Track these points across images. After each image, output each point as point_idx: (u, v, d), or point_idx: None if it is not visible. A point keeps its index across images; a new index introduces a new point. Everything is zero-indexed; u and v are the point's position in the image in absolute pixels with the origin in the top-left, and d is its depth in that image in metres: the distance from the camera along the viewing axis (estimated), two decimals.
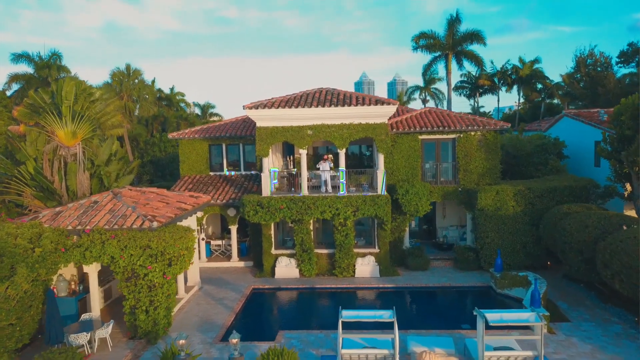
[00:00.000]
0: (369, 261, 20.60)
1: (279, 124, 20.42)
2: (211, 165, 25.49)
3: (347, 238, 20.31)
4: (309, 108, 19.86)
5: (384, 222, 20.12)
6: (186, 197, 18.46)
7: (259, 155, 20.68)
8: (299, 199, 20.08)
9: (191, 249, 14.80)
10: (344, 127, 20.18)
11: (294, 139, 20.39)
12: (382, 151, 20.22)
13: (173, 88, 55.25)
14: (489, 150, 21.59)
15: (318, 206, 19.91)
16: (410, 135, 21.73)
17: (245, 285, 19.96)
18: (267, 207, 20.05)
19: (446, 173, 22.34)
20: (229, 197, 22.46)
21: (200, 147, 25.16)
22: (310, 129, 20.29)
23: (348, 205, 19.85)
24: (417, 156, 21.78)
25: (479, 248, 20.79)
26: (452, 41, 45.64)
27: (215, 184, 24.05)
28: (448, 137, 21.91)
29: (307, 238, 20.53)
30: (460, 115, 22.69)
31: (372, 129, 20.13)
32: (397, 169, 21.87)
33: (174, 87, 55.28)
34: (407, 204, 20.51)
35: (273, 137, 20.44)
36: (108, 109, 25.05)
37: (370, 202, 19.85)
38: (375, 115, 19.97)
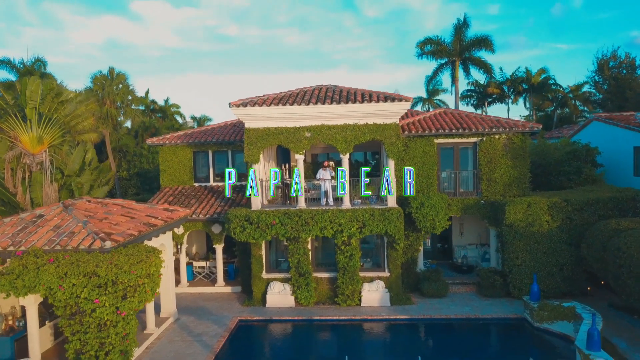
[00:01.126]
0: (378, 287, 17.39)
1: (271, 124, 17.40)
2: (196, 175, 22.42)
3: (352, 260, 17.14)
4: (307, 106, 16.86)
5: (396, 241, 16.96)
6: (159, 211, 15.34)
7: (248, 162, 17.62)
8: (295, 213, 16.96)
9: (155, 276, 11.62)
10: (347, 128, 17.16)
11: (289, 143, 17.36)
12: (393, 156, 17.17)
13: (167, 100, 52.53)
14: (516, 156, 18.53)
15: (317, 221, 16.77)
16: (424, 139, 18.70)
17: (230, 316, 16.70)
18: (257, 222, 16.90)
19: (466, 183, 19.24)
20: (213, 210, 19.34)
21: (183, 154, 22.12)
22: (308, 130, 17.27)
23: (353, 221, 16.72)
24: (432, 163, 18.72)
25: (507, 271, 17.59)
26: (459, 47, 42.92)
27: (199, 196, 20.94)
28: (468, 142, 18.87)
29: (304, 259, 17.35)
30: (482, 116, 19.70)
31: (381, 130, 17.11)
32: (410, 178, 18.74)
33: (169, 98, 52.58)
34: (422, 219, 17.39)
35: (264, 140, 17.41)
36: (78, 111, 22.05)
37: (379, 216, 16.72)
38: (385, 113, 16.97)
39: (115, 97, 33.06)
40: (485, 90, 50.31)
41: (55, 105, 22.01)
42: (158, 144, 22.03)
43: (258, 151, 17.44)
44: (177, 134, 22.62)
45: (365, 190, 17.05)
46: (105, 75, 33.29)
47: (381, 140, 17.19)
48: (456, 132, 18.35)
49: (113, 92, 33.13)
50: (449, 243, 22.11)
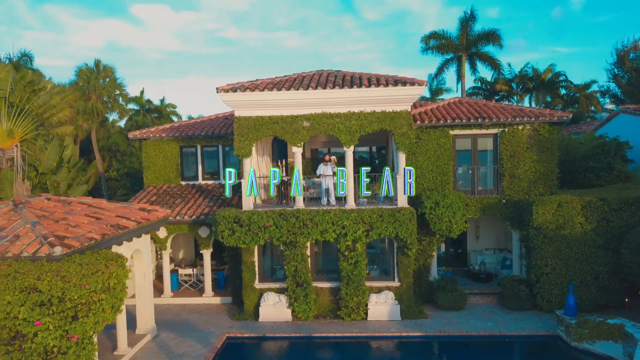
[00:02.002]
0: (387, 298, 15.20)
1: (265, 112, 15.25)
2: (183, 172, 20.24)
3: (357, 267, 14.96)
4: (305, 91, 14.72)
5: (407, 246, 14.77)
6: (133, 211, 13.16)
7: (239, 155, 15.46)
8: (292, 214, 14.79)
9: (118, 291, 9.41)
10: (352, 117, 15.01)
11: (285, 133, 15.21)
12: (404, 149, 15.01)
13: (163, 99, 50.41)
14: (542, 150, 16.37)
15: (317, 223, 14.60)
16: (438, 130, 16.54)
17: (217, 332, 14.51)
18: (248, 224, 14.72)
19: (485, 180, 17.07)
20: (200, 211, 17.17)
21: (169, 149, 19.96)
22: (307, 119, 15.13)
23: (358, 222, 14.55)
24: (447, 157, 16.55)
25: (533, 280, 15.41)
26: (465, 42, 40.76)
27: (185, 196, 18.78)
28: (488, 133, 16.71)
29: (302, 267, 15.16)
30: (502, 105, 17.55)
31: (390, 119, 14.96)
32: (422, 175, 16.61)
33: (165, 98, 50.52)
34: (436, 221, 15.22)
35: (257, 130, 15.26)
36: (53, 101, 19.90)
37: (389, 217, 14.54)
38: (395, 99, 14.82)
39: (102, 92, 30.88)
40: (492, 87, 48.19)
41: (28, 95, 19.89)
42: (141, 138, 19.87)
43: (250, 143, 15.28)
44: (162, 126, 20.47)
45: (366, 190, 14.93)
46: (91, 68, 31.14)
47: (391, 130, 15.04)
48: (475, 122, 16.19)
49: (99, 85, 30.97)
50: (464, 248, 19.94)
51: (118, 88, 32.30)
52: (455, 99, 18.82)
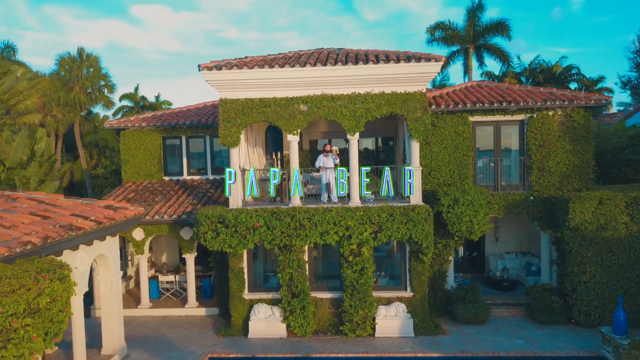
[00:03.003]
0: (397, 311, 13.01)
1: (255, 94, 13.07)
2: (166, 166, 18.06)
3: (363, 275, 12.76)
4: (302, 68, 12.54)
5: (422, 250, 12.58)
6: (95, 209, 10.97)
7: (224, 144, 13.27)
8: (286, 213, 12.59)
9: (53, 312, 7.16)
10: (357, 100, 12.83)
11: (279, 119, 13.02)
12: (418, 137, 12.82)
13: (159, 96, 48.21)
14: (576, 138, 14.20)
15: (316, 224, 12.40)
16: (456, 117, 14.37)
17: (198, 352, 12.31)
18: (235, 225, 12.52)
19: (509, 173, 14.90)
20: (182, 210, 14.98)
21: (150, 141, 17.78)
22: (305, 102, 12.94)
23: (365, 223, 12.35)
24: (466, 147, 14.38)
25: (568, 290, 13.22)
26: (473, 33, 38.58)
27: (167, 193, 16.59)
28: (513, 119, 14.53)
29: (298, 275, 12.97)
30: (528, 88, 15.38)
31: (402, 101, 12.77)
32: (437, 168, 14.45)
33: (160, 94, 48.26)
34: (455, 221, 13.03)
35: (246, 115, 13.07)
36: (19, 86, 17.72)
37: (401, 216, 12.34)
38: (408, 78, 12.64)
39: (85, 82, 28.68)
40: (500, 80, 46.02)
41: None
42: (118, 128, 17.70)
43: (237, 130, 13.10)
44: (143, 115, 18.31)
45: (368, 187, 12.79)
46: (74, 57, 28.92)
47: (402, 115, 12.85)
48: (499, 107, 14.01)
49: (82, 75, 28.78)
50: (481, 251, 17.77)
51: (103, 78, 30.06)
52: (473, 82, 16.65)
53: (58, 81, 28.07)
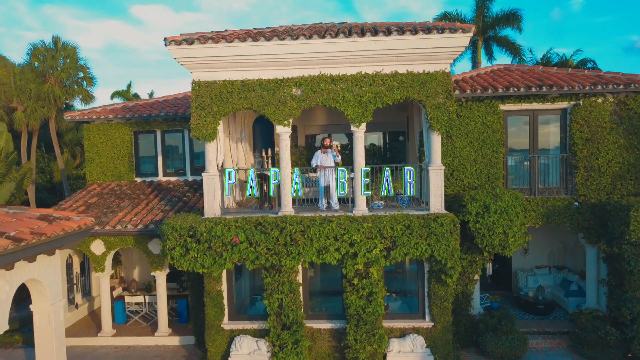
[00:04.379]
0: (414, 346, 10.40)
1: (236, 75, 10.46)
2: (138, 166, 15.47)
3: (372, 302, 10.15)
4: (295, 41, 9.94)
5: (447, 271, 9.96)
6: (22, 222, 8.35)
7: (198, 137, 10.66)
8: (274, 224, 9.97)
9: None
10: (363, 81, 10.22)
11: (266, 106, 10.42)
12: (440, 128, 10.22)
13: (152, 93, 45.71)
14: (633, 131, 11.61)
15: (312, 238, 9.77)
16: (484, 104, 11.77)
17: None
18: (208, 240, 9.89)
19: (547, 174, 12.29)
20: (151, 218, 12.37)
21: (119, 136, 15.19)
22: (298, 84, 10.34)
23: (374, 237, 9.73)
24: (496, 141, 11.78)
25: (627, 318, 10.63)
26: (482, 24, 35.98)
27: (137, 197, 14.00)
28: (554, 108, 11.93)
29: (290, 301, 10.36)
30: (568, 70, 12.80)
31: (420, 84, 10.17)
32: (461, 167, 11.85)
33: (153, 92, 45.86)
34: (485, 233, 10.43)
35: (224, 101, 10.46)
36: None
37: (421, 229, 9.72)
38: (427, 55, 10.04)
39: (61, 74, 26.06)
40: None
41: None
42: (81, 120, 15.08)
43: (214, 120, 10.49)
44: (111, 106, 15.70)
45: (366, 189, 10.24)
46: (48, 47, 26.31)
47: (420, 101, 10.25)
48: (537, 92, 11.40)
49: (58, 67, 26.17)
50: (507, 265, 15.17)
51: (81, 70, 27.42)
52: (500, 65, 14.05)
53: (30, 72, 25.47)
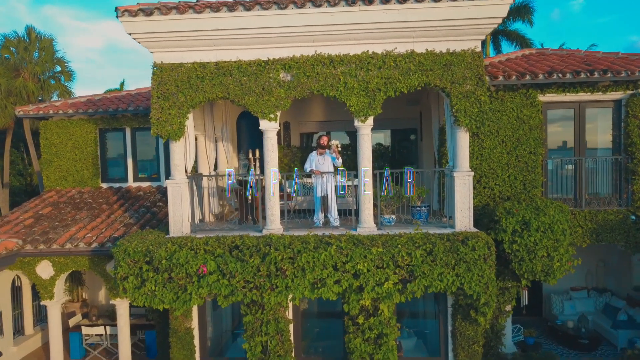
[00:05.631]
0: None
1: (208, 55, 8.21)
2: (104, 169, 13.22)
3: (382, 347, 7.88)
4: (283, 11, 7.68)
5: (479, 307, 7.70)
6: None
7: (161, 135, 8.41)
8: (254, 247, 7.68)
9: None
10: (370, 64, 7.97)
11: (246, 95, 8.16)
12: (469, 123, 7.98)
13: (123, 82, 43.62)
14: None
15: (304, 267, 7.48)
16: (519, 95, 9.53)
17: None
18: (168, 269, 7.62)
19: (595, 180, 10.03)
20: (110, 234, 10.11)
21: (82, 134, 12.95)
22: (288, 67, 8.08)
23: (386, 265, 7.43)
24: (534, 141, 9.53)
25: None
26: None
27: (98, 207, 11.74)
28: (605, 99, 9.69)
29: (277, 344, 8.09)
30: (618, 55, 10.56)
31: (443, 66, 7.92)
32: (490, 171, 9.60)
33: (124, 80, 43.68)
34: (525, 256, 8.19)
35: (194, 88, 8.21)
36: None
37: (446, 254, 7.44)
38: (454, 28, 7.80)
39: (35, 68, 23.83)
40: None
41: None
42: (37, 116, 12.83)
43: (181, 113, 8.24)
44: (72, 100, 13.47)
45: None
46: (21, 38, 24.08)
47: (443, 88, 8.01)
48: (587, 79, 9.15)
49: (32, 60, 23.95)
50: (535, 286, 12.89)
51: (59, 64, 25.21)
52: (531, 50, 11.81)
53: (0, 66, 23.25)
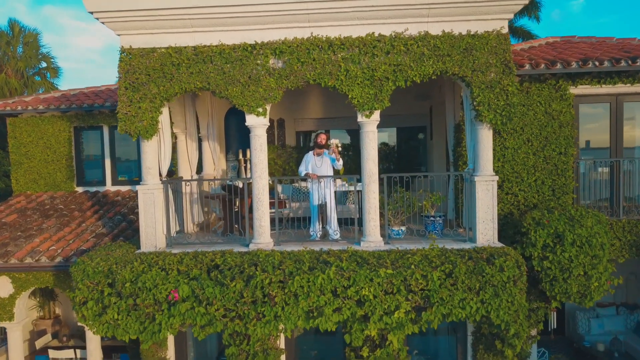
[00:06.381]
0: None
1: (185, 38, 6.94)
2: (80, 171, 11.95)
3: None
4: None
5: (507, 338, 6.42)
6: None
7: (130, 133, 7.15)
8: (237, 267, 6.39)
9: None
10: (376, 48, 6.70)
11: (230, 85, 6.89)
12: (492, 118, 6.72)
13: None
14: None
15: (297, 292, 6.19)
16: (547, 87, 8.25)
17: None
18: (133, 294, 6.35)
19: (634, 184, 8.77)
20: (76, 246, 8.84)
21: (53, 132, 11.68)
22: (278, 52, 6.81)
23: (396, 290, 6.14)
24: (564, 140, 8.25)
25: None
26: None
27: (69, 214, 10.48)
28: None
29: None
30: None
31: (463, 51, 6.65)
32: (514, 175, 8.31)
33: None
34: (558, 275, 6.93)
35: (169, 77, 6.93)
36: None
37: (469, 276, 6.15)
38: (477, 5, 6.52)
39: (18, 63, 22.59)
40: None
41: None
42: (4, 113, 11.55)
43: (153, 107, 6.98)
44: (44, 95, 12.21)
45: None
46: (4, 32, 22.85)
47: (463, 77, 6.73)
48: (628, 68, 7.87)
49: (15, 55, 22.71)
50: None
51: (44, 60, 24.01)
52: (555, 37, 10.52)
53: None
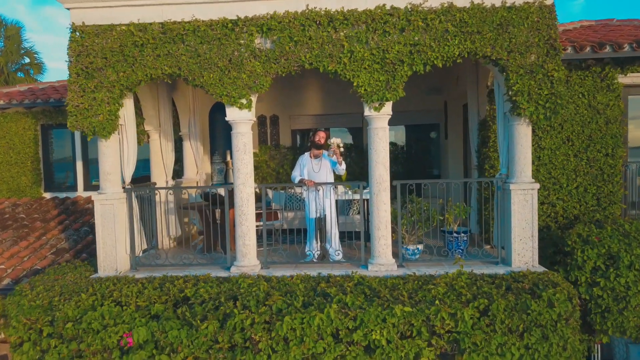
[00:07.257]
0: None
1: (151, 12, 5.57)
2: (47, 175, 10.62)
3: None
4: None
5: None
6: None
7: (83, 130, 5.79)
8: (213, 298, 5.04)
9: None
10: (388, 23, 5.33)
11: (205, 70, 5.52)
12: (534, 111, 5.36)
13: None
14: None
15: (288, 335, 4.83)
16: (590, 75, 6.90)
17: None
18: (76, 337, 4.97)
19: None
20: (30, 265, 7.49)
21: (17, 131, 10.35)
22: (265, 28, 5.44)
23: (416, 334, 4.77)
24: (612, 139, 6.89)
25: None
26: None
27: (30, 224, 9.12)
28: None
29: None
30: None
31: (496, 28, 5.29)
32: (550, 180, 6.94)
33: None
34: (611, 305, 5.56)
35: (130, 62, 5.57)
36: None
37: (509, 314, 4.80)
38: None
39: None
40: None
41: None
42: None
43: (112, 98, 5.62)
44: (7, 89, 10.87)
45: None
46: None
47: (497, 60, 5.37)
48: None
49: None
50: None
51: (28, 55, 22.69)
52: (590, 21, 9.17)
53: None
